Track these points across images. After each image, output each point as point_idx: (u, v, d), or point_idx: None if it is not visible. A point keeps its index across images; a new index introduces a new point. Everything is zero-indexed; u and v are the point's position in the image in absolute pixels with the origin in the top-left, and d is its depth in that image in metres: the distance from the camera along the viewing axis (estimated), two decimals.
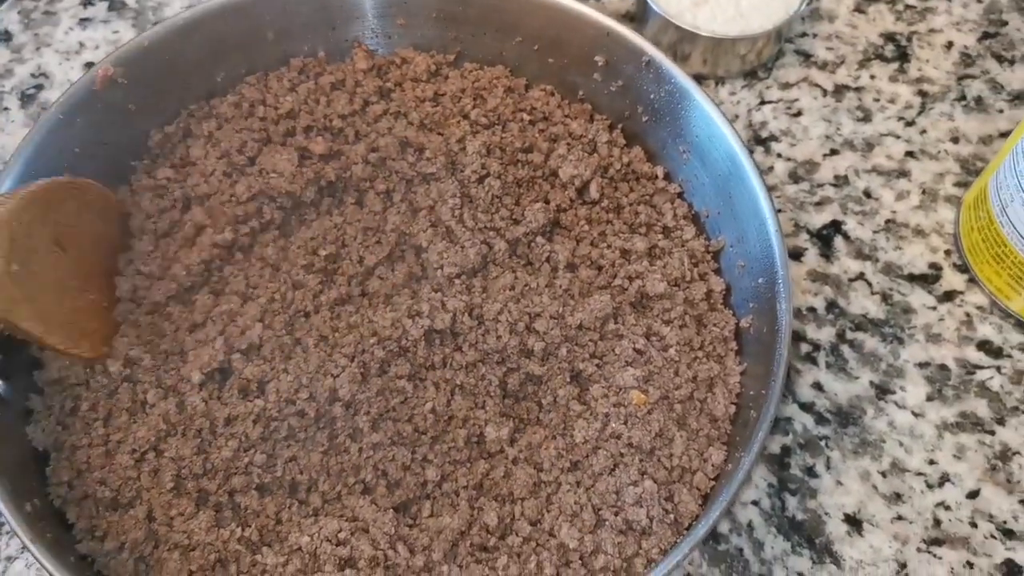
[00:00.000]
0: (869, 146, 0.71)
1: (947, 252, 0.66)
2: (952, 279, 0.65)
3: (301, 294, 0.55)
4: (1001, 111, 0.73)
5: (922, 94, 0.74)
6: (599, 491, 0.51)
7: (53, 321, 0.49)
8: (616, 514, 0.50)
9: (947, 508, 0.57)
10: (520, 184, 0.60)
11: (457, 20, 0.64)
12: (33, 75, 0.74)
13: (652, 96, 0.61)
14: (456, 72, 0.65)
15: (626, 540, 0.49)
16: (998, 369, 0.62)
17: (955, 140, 0.71)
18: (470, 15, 0.64)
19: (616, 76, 0.62)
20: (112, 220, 0.56)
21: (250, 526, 0.48)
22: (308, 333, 0.54)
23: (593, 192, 0.60)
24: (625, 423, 0.52)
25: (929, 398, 0.61)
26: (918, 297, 0.64)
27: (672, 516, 0.50)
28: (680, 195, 0.61)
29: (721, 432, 0.53)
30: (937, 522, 0.57)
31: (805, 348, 0.63)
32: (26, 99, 0.72)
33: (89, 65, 0.74)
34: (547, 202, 0.60)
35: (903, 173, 0.70)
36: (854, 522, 0.57)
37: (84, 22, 0.77)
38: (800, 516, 0.57)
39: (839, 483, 0.58)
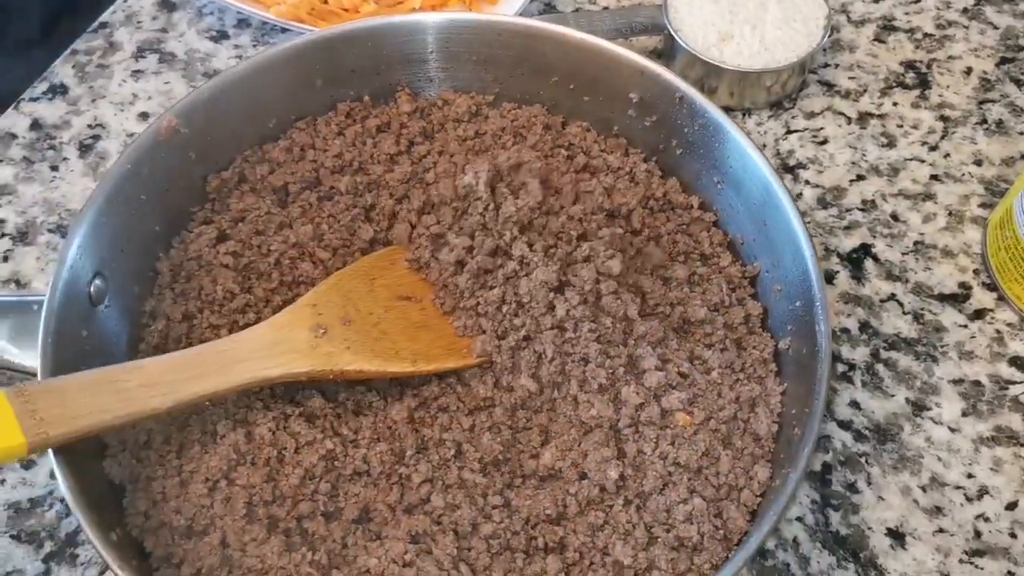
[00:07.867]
0: (895, 171, 0.73)
1: (975, 271, 0.68)
2: (982, 297, 0.67)
3: None
4: (1022, 133, 0.75)
5: (944, 119, 0.76)
6: (650, 509, 0.52)
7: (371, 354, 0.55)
8: (668, 531, 0.52)
9: (987, 520, 0.59)
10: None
11: (495, 62, 0.67)
12: (90, 126, 0.77)
13: (686, 130, 0.63)
14: (495, 112, 0.68)
15: (679, 556, 0.51)
16: None
17: (978, 163, 0.74)
18: (508, 57, 0.67)
19: (650, 112, 0.65)
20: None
21: (319, 550, 0.50)
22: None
23: (635, 222, 0.62)
24: (672, 444, 0.54)
25: (964, 413, 0.62)
26: (949, 316, 0.66)
27: (722, 532, 0.52)
28: (715, 223, 0.64)
29: (765, 450, 0.55)
30: (978, 534, 0.58)
31: (841, 368, 0.64)
32: (84, 149, 0.76)
33: (143, 115, 0.77)
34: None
35: (929, 196, 0.72)
36: (897, 536, 0.58)
37: (136, 74, 0.80)
38: (844, 531, 0.58)
39: (880, 498, 0.60)
